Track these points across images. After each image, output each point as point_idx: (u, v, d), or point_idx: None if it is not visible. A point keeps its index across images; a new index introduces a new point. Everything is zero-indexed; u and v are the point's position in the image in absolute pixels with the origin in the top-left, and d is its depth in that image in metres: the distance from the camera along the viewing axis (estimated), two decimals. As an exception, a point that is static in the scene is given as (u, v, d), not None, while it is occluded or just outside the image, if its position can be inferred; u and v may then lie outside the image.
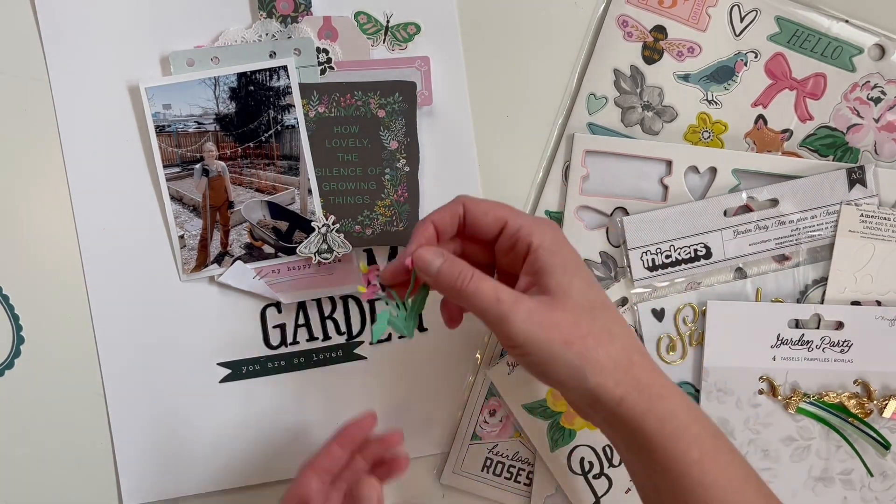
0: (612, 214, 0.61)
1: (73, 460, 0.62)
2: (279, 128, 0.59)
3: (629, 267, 0.60)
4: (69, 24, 0.60)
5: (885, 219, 0.59)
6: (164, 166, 0.60)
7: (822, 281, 0.60)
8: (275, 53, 0.59)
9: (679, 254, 0.60)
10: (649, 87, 0.61)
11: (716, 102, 0.60)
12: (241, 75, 0.59)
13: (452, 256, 0.49)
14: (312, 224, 0.59)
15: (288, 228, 0.60)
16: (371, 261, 0.61)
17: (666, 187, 0.61)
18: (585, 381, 0.46)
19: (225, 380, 0.62)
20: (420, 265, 0.48)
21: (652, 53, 0.61)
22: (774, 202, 0.59)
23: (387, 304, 0.51)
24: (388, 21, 0.60)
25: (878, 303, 0.60)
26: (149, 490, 0.62)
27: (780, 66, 0.60)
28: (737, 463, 0.48)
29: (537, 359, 0.47)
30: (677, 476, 0.47)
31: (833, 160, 0.60)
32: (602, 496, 0.61)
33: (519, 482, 0.62)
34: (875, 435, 0.60)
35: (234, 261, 0.60)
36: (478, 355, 0.62)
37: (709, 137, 0.61)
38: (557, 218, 0.61)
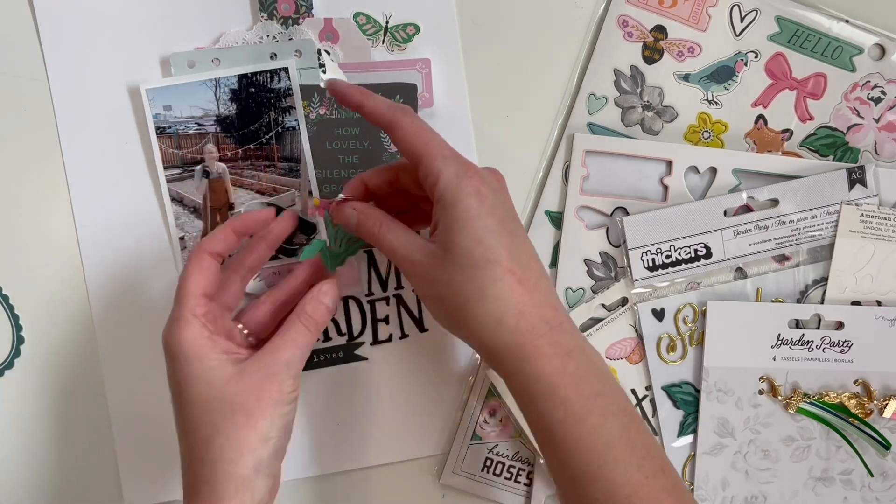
0: (612, 214, 0.61)
1: (75, 461, 0.62)
2: (280, 129, 0.59)
3: (629, 267, 0.60)
4: (68, 24, 0.60)
5: (885, 219, 0.59)
6: (165, 168, 0.60)
7: (823, 281, 0.60)
8: (276, 55, 0.59)
9: (679, 254, 0.60)
10: (649, 87, 0.61)
11: (716, 102, 0.60)
12: (241, 77, 0.59)
13: (366, 208, 0.53)
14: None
15: (288, 230, 0.60)
16: (371, 262, 0.61)
17: (666, 187, 0.61)
18: (459, 335, 0.50)
19: (226, 380, 0.62)
20: (341, 220, 0.54)
21: (652, 53, 0.61)
22: (774, 202, 0.60)
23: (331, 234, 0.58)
24: (387, 22, 0.60)
25: (879, 303, 0.60)
26: (151, 491, 0.62)
27: (781, 66, 0.60)
28: (606, 427, 0.47)
29: (430, 309, 0.51)
30: (544, 436, 0.48)
31: (833, 160, 0.60)
32: (602, 496, 0.62)
33: (519, 482, 0.62)
34: (875, 435, 0.60)
35: (234, 262, 0.60)
36: (478, 356, 0.62)
37: (709, 137, 0.61)
38: (557, 218, 0.61)
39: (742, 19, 0.60)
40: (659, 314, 0.61)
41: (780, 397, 0.60)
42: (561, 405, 0.47)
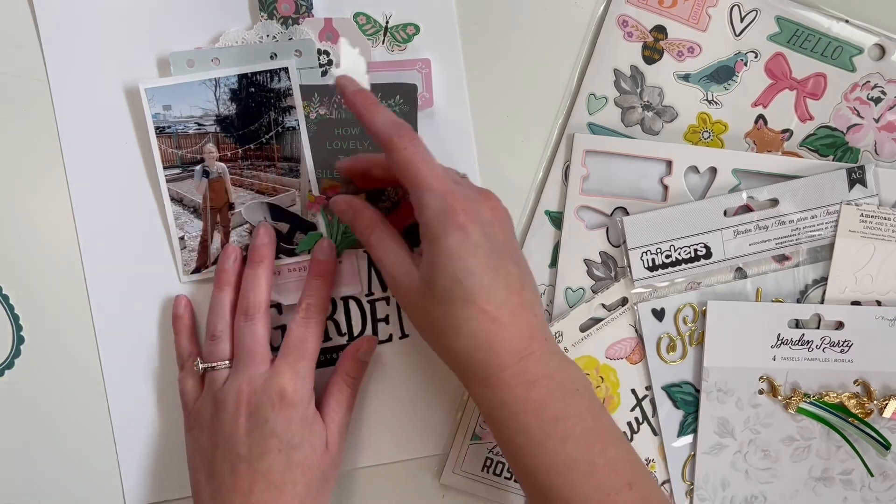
0: (612, 214, 0.61)
1: (75, 461, 0.62)
2: (280, 129, 0.59)
3: (629, 267, 0.60)
4: (68, 24, 0.60)
5: (885, 219, 0.59)
6: (164, 168, 0.60)
7: (823, 281, 0.60)
8: (276, 55, 0.59)
9: (679, 254, 0.60)
10: (649, 87, 0.61)
11: (716, 102, 0.60)
12: (241, 77, 0.59)
13: (361, 207, 0.56)
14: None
15: (289, 230, 0.60)
16: (371, 261, 0.61)
17: (666, 187, 0.61)
18: (433, 350, 0.52)
19: (226, 380, 0.62)
20: (336, 212, 0.57)
21: (652, 53, 0.60)
22: (774, 202, 0.60)
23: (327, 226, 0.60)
24: (387, 22, 0.60)
25: (879, 303, 0.60)
26: (152, 490, 0.62)
27: (781, 66, 0.60)
28: (565, 451, 0.48)
29: (410, 320, 0.55)
30: (509, 457, 0.51)
31: (833, 160, 0.60)
32: (602, 496, 0.61)
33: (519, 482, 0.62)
34: (875, 435, 0.60)
35: (234, 262, 0.60)
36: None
37: (709, 137, 0.61)
38: (557, 218, 0.61)
39: (742, 19, 0.60)
40: (659, 314, 0.61)
41: (780, 397, 0.60)
42: (521, 431, 0.49)
